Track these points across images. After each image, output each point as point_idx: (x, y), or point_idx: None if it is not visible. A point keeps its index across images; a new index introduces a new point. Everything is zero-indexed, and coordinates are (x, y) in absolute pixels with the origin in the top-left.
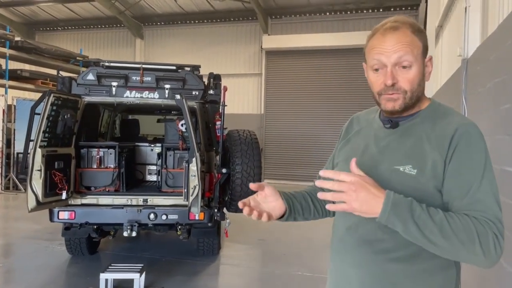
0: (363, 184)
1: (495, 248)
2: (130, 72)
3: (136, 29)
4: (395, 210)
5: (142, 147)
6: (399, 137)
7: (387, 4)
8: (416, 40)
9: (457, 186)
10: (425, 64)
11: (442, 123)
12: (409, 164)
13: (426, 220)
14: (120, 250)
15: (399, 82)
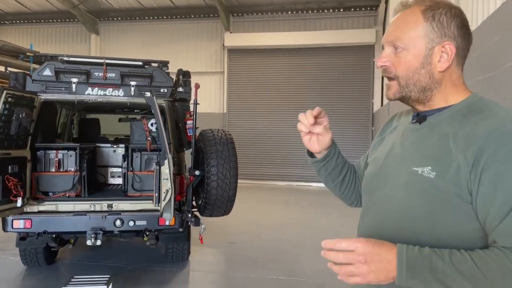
0: (371, 252)
1: None
2: (92, 67)
3: (91, 24)
4: (413, 273)
5: (103, 148)
6: (425, 134)
7: (348, 4)
8: (420, 21)
9: (496, 205)
10: (433, 52)
11: (474, 120)
12: (429, 165)
13: (452, 275)
14: (81, 259)
15: (390, 66)
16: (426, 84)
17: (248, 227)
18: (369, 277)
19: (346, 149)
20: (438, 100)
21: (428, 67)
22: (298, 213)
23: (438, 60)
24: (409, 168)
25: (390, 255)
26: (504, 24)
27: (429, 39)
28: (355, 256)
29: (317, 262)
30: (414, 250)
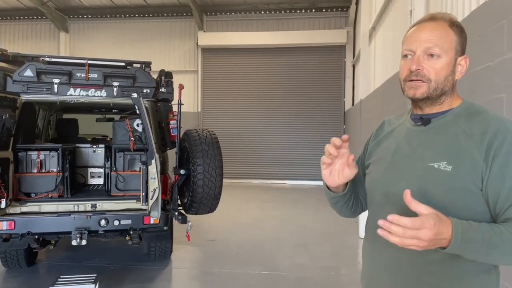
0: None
1: None
2: (74, 68)
3: (60, 22)
4: (465, 245)
5: (83, 149)
6: (432, 135)
7: (320, 5)
8: (451, 34)
9: (505, 189)
10: (457, 61)
11: (477, 120)
12: (444, 160)
13: (498, 246)
14: (62, 260)
15: (424, 69)
16: (448, 89)
17: (227, 225)
18: (428, 246)
19: (318, 147)
20: (446, 104)
21: (453, 75)
22: (273, 210)
23: (458, 70)
24: (425, 164)
25: (447, 229)
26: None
27: (456, 51)
28: (424, 234)
29: (296, 257)
30: (465, 222)
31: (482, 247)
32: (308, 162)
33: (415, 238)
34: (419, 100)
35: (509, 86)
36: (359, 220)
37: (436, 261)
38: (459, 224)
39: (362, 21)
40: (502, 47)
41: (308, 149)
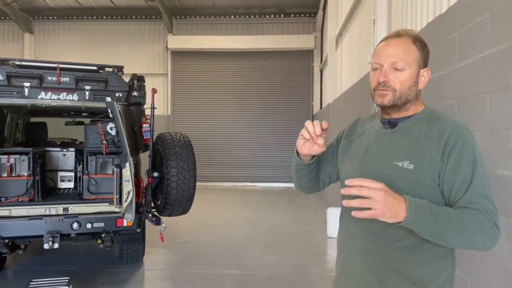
0: (388, 191)
1: (496, 234)
2: (46, 72)
3: (25, 23)
4: (419, 213)
5: (52, 153)
6: (398, 137)
7: (288, 11)
8: (414, 49)
9: (458, 182)
10: (420, 73)
11: (436, 124)
12: (407, 160)
13: (444, 219)
14: (31, 265)
15: (390, 81)
16: (412, 98)
17: (198, 227)
18: (384, 209)
19: (288, 150)
20: (411, 110)
21: (416, 85)
22: (245, 212)
23: (421, 81)
24: (391, 163)
25: (401, 200)
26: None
27: (419, 64)
28: (377, 192)
29: (267, 256)
30: (417, 198)
31: (432, 218)
32: (278, 165)
33: (370, 195)
34: (386, 107)
35: (460, 93)
36: (327, 221)
37: (402, 248)
38: (412, 198)
39: (329, 27)
40: (454, 57)
41: (278, 152)
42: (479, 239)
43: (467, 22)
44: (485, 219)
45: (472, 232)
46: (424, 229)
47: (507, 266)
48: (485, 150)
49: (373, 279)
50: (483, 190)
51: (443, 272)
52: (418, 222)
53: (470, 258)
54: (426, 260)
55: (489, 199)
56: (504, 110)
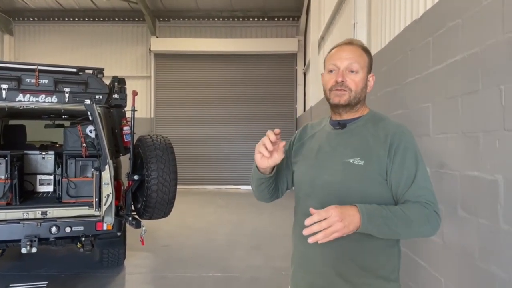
0: (342, 212)
1: (438, 222)
2: (24, 73)
3: (4, 24)
4: (371, 222)
5: (31, 156)
6: (347, 136)
7: (272, 14)
8: (364, 55)
9: (404, 177)
10: (368, 78)
11: (381, 125)
12: (357, 157)
13: (392, 219)
14: (9, 270)
15: (347, 81)
16: (362, 99)
17: (181, 230)
18: (345, 230)
19: None
20: (359, 112)
21: (365, 88)
22: (229, 215)
23: (368, 85)
24: (342, 160)
25: (353, 211)
26: (405, 46)
27: (368, 69)
28: (333, 218)
29: (250, 259)
30: (367, 205)
31: (383, 222)
32: None
33: (329, 224)
34: (341, 106)
35: (434, 96)
36: None
37: (357, 238)
38: (363, 206)
39: (312, 31)
40: (428, 62)
41: None
42: (427, 229)
43: (441, 27)
44: (428, 211)
45: (419, 225)
46: (377, 232)
47: (478, 264)
48: (457, 152)
49: (331, 269)
50: (424, 184)
51: (391, 260)
52: (371, 228)
53: (444, 257)
54: (377, 249)
55: (430, 191)
56: (474, 113)
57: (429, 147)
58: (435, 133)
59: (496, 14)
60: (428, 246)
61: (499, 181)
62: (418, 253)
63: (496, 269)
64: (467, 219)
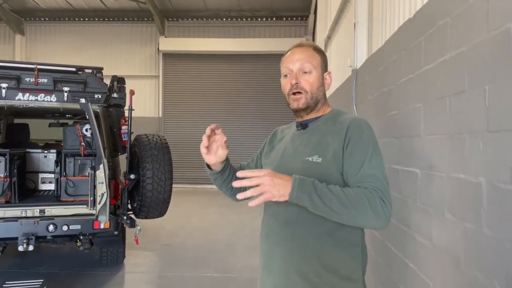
0: (275, 173)
1: (383, 210)
2: (23, 72)
3: (16, 24)
4: (301, 187)
5: (34, 154)
6: (308, 136)
7: (280, 14)
8: (316, 55)
9: (351, 166)
10: (324, 76)
11: (339, 120)
12: (316, 154)
13: (326, 192)
14: (10, 267)
15: (301, 83)
16: (321, 98)
17: (183, 230)
18: (273, 190)
19: None
20: (320, 111)
21: (323, 86)
22: (231, 214)
23: (325, 83)
24: (303, 158)
25: (288, 177)
26: (399, 45)
27: (322, 68)
28: (264, 177)
29: (248, 259)
30: (305, 177)
31: (316, 193)
32: None
33: (259, 182)
34: (301, 110)
35: (425, 96)
36: None
37: (316, 236)
38: (299, 176)
39: (318, 30)
40: (420, 61)
41: None
42: (369, 215)
43: (432, 26)
44: (371, 195)
45: (358, 208)
46: (309, 203)
47: (463, 269)
48: (445, 154)
49: (292, 268)
50: (372, 171)
51: (354, 259)
52: (302, 197)
53: (432, 261)
54: (338, 247)
55: (379, 179)
56: (461, 114)
57: (420, 148)
58: (426, 134)
59: (482, 11)
60: (418, 249)
61: (482, 184)
62: (408, 255)
63: (479, 274)
64: (454, 223)
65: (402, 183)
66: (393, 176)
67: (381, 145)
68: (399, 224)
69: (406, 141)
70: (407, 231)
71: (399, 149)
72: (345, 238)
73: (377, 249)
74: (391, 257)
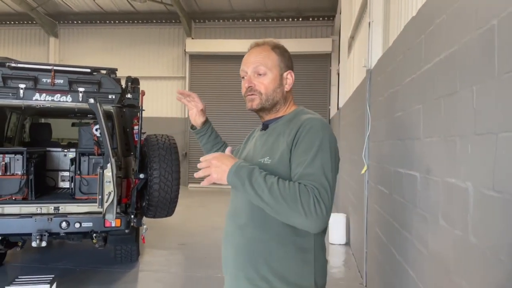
0: (218, 157)
1: (315, 208)
2: (40, 73)
3: (50, 27)
4: (237, 173)
5: (54, 153)
6: (267, 137)
7: (306, 14)
8: (273, 55)
9: (294, 164)
10: (283, 76)
11: (295, 120)
12: (267, 156)
13: (260, 182)
14: (30, 262)
15: (256, 85)
16: (279, 99)
17: (202, 229)
18: (214, 173)
19: None
20: (281, 112)
21: (281, 87)
22: None
23: (285, 83)
24: (256, 160)
25: (231, 162)
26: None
27: (280, 68)
28: (211, 161)
29: None
30: (247, 164)
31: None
32: None
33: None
34: (256, 111)
35: (424, 97)
36: (328, 226)
37: (264, 241)
38: (241, 162)
39: (342, 30)
40: (421, 61)
41: None
42: (298, 210)
43: (431, 23)
44: (306, 192)
45: (290, 202)
46: (242, 190)
47: (453, 278)
48: (440, 157)
49: (240, 273)
50: (314, 171)
51: (305, 267)
52: (236, 182)
53: (428, 268)
54: (287, 252)
55: (319, 179)
56: (453, 116)
57: (419, 151)
58: (425, 137)
59: (471, 8)
60: (416, 256)
61: (469, 189)
62: (409, 262)
63: (466, 285)
64: (446, 229)
65: (405, 187)
66: (397, 180)
67: (387, 147)
68: (402, 230)
69: (408, 143)
70: (409, 237)
71: (403, 151)
72: (296, 243)
73: (383, 255)
74: (394, 263)
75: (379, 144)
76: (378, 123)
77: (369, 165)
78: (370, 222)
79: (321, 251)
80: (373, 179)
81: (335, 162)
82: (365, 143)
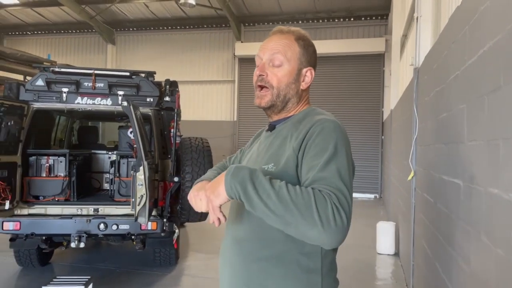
0: (199, 186)
1: (335, 218)
2: (82, 78)
3: (108, 35)
4: (234, 177)
5: (99, 155)
6: (273, 140)
7: (358, 14)
8: (295, 46)
9: (305, 170)
10: (302, 72)
11: (305, 122)
12: (272, 162)
13: (265, 185)
14: (75, 261)
15: (267, 76)
16: (292, 96)
17: None
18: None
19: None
20: (292, 111)
21: (297, 83)
22: None
23: (303, 80)
24: (260, 166)
25: (220, 176)
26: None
27: (300, 62)
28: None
29: None
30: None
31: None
32: None
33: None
34: (265, 109)
35: (468, 96)
36: (377, 235)
37: (262, 259)
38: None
39: (394, 28)
40: (465, 55)
41: None
42: (314, 221)
43: (475, 12)
44: (322, 197)
45: (303, 209)
46: (244, 197)
47: None
48: (483, 164)
49: None
50: (330, 175)
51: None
52: (236, 186)
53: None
54: (286, 274)
55: (336, 184)
56: (496, 115)
57: (463, 156)
58: (468, 140)
59: None
60: (459, 274)
61: None
62: (452, 280)
63: None
64: (487, 247)
65: (448, 196)
66: (440, 188)
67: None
68: (446, 244)
69: (452, 148)
70: (452, 253)
71: (447, 157)
72: (299, 262)
73: (428, 269)
74: (439, 280)
75: (426, 149)
76: (424, 126)
77: (416, 171)
78: (417, 232)
79: (330, 271)
80: (419, 187)
81: (351, 168)
82: (412, 147)
